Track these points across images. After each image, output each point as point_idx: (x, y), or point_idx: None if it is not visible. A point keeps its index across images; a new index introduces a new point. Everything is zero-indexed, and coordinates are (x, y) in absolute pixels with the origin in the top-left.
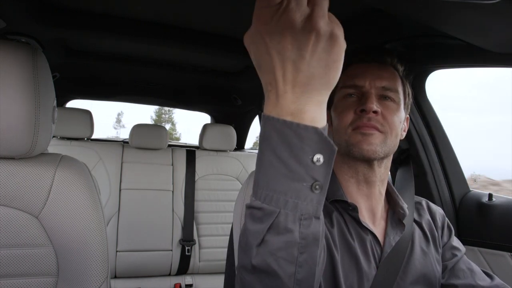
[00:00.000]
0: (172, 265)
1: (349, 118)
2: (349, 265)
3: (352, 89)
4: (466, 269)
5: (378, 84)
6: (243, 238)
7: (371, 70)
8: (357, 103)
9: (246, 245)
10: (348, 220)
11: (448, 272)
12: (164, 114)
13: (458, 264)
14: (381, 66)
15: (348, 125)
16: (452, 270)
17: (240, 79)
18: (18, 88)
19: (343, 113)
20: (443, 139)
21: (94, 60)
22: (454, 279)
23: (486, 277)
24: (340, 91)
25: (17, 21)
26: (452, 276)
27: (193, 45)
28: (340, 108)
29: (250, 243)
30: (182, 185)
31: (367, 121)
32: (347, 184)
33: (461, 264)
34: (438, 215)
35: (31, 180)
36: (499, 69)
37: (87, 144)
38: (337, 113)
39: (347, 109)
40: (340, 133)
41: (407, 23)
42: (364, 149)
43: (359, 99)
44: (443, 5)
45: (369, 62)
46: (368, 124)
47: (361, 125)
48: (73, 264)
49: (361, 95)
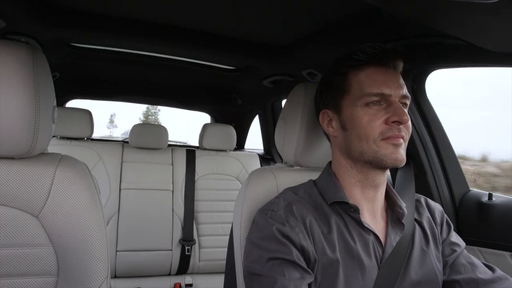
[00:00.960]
0: (172, 265)
1: (378, 128)
2: (352, 267)
3: (377, 97)
4: (467, 263)
5: (399, 92)
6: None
7: (391, 77)
8: (384, 112)
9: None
10: (349, 222)
11: (448, 268)
12: (150, 115)
13: (459, 259)
14: (396, 71)
15: (378, 135)
16: (453, 266)
17: (240, 79)
18: (18, 88)
19: (371, 123)
20: (443, 139)
21: (94, 60)
22: (455, 274)
23: (488, 269)
24: (362, 97)
25: (17, 21)
26: (453, 271)
27: (193, 45)
28: (366, 117)
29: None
30: (182, 185)
31: (398, 132)
32: (352, 188)
33: (461, 259)
34: (437, 212)
35: (31, 180)
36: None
37: (87, 144)
38: (362, 121)
39: (375, 118)
40: (367, 142)
41: (407, 23)
42: (396, 159)
43: (385, 108)
44: (444, 5)
45: (387, 66)
46: (399, 135)
47: (393, 136)
48: (73, 264)
49: (388, 104)
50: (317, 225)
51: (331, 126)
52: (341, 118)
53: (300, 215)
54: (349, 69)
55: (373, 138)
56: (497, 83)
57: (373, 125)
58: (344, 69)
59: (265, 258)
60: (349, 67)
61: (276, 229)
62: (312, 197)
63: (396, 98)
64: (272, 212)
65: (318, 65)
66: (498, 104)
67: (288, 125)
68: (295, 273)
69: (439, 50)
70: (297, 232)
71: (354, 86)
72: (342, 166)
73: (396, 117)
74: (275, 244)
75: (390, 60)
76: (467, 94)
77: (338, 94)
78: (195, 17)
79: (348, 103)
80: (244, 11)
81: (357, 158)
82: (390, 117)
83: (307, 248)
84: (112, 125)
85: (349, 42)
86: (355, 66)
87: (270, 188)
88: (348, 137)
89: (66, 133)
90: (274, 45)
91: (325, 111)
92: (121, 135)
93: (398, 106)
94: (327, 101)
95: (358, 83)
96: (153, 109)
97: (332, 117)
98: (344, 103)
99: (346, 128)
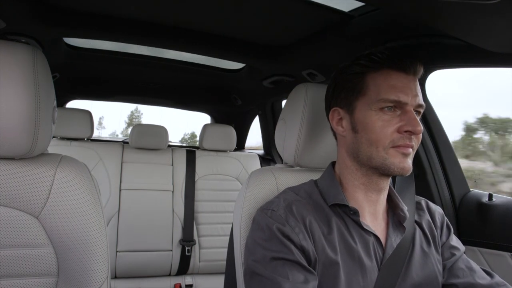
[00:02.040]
0: (172, 265)
1: (390, 135)
2: (353, 268)
3: (393, 103)
4: (466, 268)
5: (415, 101)
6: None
7: (410, 84)
8: (398, 120)
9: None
10: (350, 223)
11: (447, 271)
12: (134, 118)
13: (457, 263)
14: (415, 78)
15: (389, 143)
16: (452, 270)
17: (240, 80)
18: (18, 88)
19: (384, 129)
20: (443, 139)
21: (94, 61)
22: (453, 278)
23: (486, 275)
24: (378, 102)
25: (17, 21)
26: (452, 275)
27: (193, 45)
28: (380, 122)
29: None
30: (182, 185)
31: (409, 141)
32: (355, 190)
33: (460, 263)
34: (437, 215)
35: (31, 181)
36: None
37: (87, 144)
38: (376, 126)
39: (389, 125)
40: (377, 148)
41: (407, 23)
42: (403, 168)
43: (399, 116)
44: (443, 5)
45: (407, 72)
46: (409, 144)
47: (403, 145)
48: (74, 264)
49: (403, 112)
50: (317, 225)
51: (341, 125)
52: (353, 119)
53: (300, 215)
54: (367, 70)
55: (384, 145)
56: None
57: (385, 132)
58: (362, 69)
59: (268, 258)
60: (367, 67)
61: (276, 228)
62: (313, 198)
63: (412, 107)
64: (272, 212)
65: (318, 65)
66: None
67: (288, 125)
68: (299, 276)
69: (439, 50)
70: (297, 232)
71: (371, 88)
72: (347, 167)
73: (410, 127)
74: (277, 244)
75: (411, 66)
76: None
77: (353, 94)
78: (195, 17)
79: (362, 105)
80: (244, 11)
81: (364, 162)
82: (403, 126)
83: (307, 248)
84: (101, 126)
85: (349, 42)
86: (373, 67)
87: (270, 188)
88: (358, 140)
89: (66, 133)
90: (274, 45)
91: (336, 109)
92: (108, 135)
93: (413, 116)
94: (340, 99)
95: (376, 86)
96: (136, 113)
97: (343, 116)
98: (358, 104)
99: (357, 130)
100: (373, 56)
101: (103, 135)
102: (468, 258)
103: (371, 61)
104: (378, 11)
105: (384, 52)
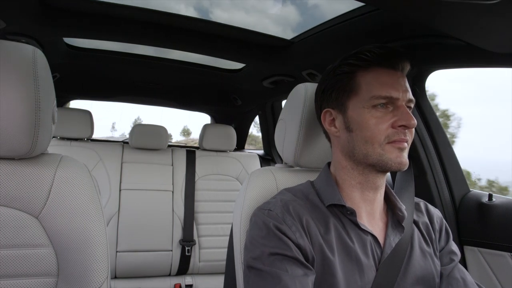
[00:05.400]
0: (172, 266)
1: (384, 131)
2: (350, 267)
3: (385, 100)
4: (460, 278)
5: (406, 96)
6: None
7: (399, 80)
8: (391, 115)
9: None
10: (347, 224)
11: (444, 280)
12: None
13: (453, 272)
14: (403, 74)
15: (384, 139)
16: (447, 278)
17: (240, 80)
18: (18, 89)
19: (378, 126)
20: (443, 139)
21: (94, 60)
22: (447, 287)
23: None
24: (370, 100)
25: (17, 21)
26: (445, 284)
27: (193, 45)
28: (373, 120)
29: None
30: (182, 186)
31: (403, 136)
32: (351, 189)
33: (455, 273)
34: (436, 218)
35: (31, 181)
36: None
37: (87, 144)
38: (370, 123)
39: (382, 121)
40: (373, 145)
41: (407, 23)
42: (400, 163)
43: (392, 111)
44: (443, 5)
45: (395, 68)
46: (404, 139)
47: (398, 140)
48: (73, 265)
49: (394, 107)
50: (314, 225)
51: (334, 126)
52: (346, 119)
53: (297, 215)
54: (357, 69)
55: (379, 141)
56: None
57: (380, 128)
58: (351, 68)
59: (267, 254)
60: (357, 66)
61: (273, 226)
62: (310, 198)
63: (403, 102)
64: (269, 212)
65: (318, 65)
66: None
67: (288, 125)
68: (298, 270)
69: (439, 50)
70: (294, 231)
71: (362, 87)
72: (343, 167)
73: (404, 121)
74: (275, 241)
75: (398, 62)
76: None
77: (344, 94)
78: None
79: (354, 104)
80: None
81: (361, 160)
82: (397, 121)
83: (304, 247)
84: (114, 129)
85: (349, 42)
86: (363, 66)
87: (270, 188)
88: (352, 139)
89: (66, 133)
90: (274, 45)
91: (328, 110)
92: (119, 136)
93: (405, 110)
94: (331, 100)
95: (367, 84)
96: (138, 120)
97: (335, 116)
98: (351, 103)
99: (351, 129)
100: (361, 55)
101: (115, 135)
102: (463, 268)
103: (360, 60)
104: (378, 11)
105: (371, 50)
